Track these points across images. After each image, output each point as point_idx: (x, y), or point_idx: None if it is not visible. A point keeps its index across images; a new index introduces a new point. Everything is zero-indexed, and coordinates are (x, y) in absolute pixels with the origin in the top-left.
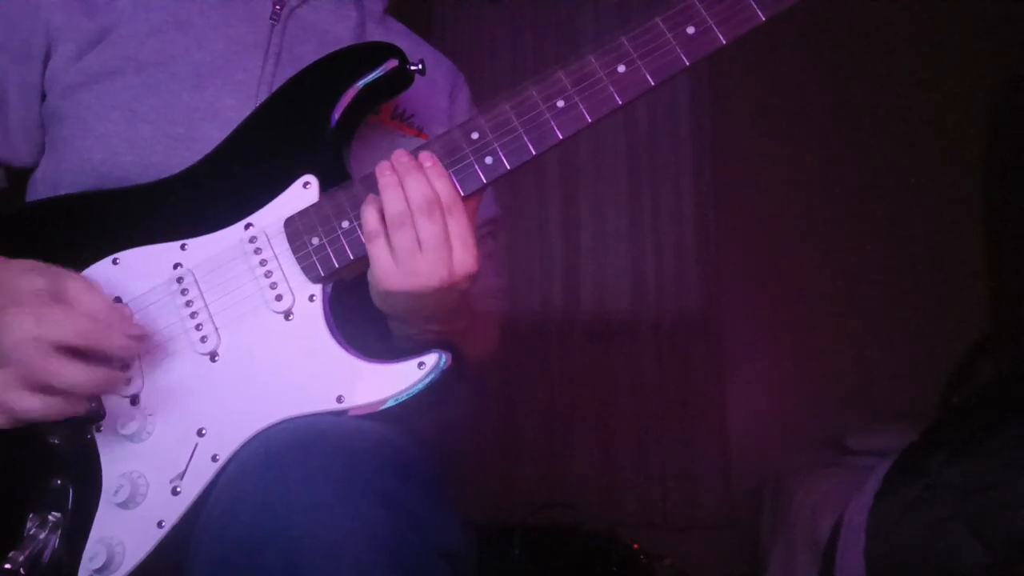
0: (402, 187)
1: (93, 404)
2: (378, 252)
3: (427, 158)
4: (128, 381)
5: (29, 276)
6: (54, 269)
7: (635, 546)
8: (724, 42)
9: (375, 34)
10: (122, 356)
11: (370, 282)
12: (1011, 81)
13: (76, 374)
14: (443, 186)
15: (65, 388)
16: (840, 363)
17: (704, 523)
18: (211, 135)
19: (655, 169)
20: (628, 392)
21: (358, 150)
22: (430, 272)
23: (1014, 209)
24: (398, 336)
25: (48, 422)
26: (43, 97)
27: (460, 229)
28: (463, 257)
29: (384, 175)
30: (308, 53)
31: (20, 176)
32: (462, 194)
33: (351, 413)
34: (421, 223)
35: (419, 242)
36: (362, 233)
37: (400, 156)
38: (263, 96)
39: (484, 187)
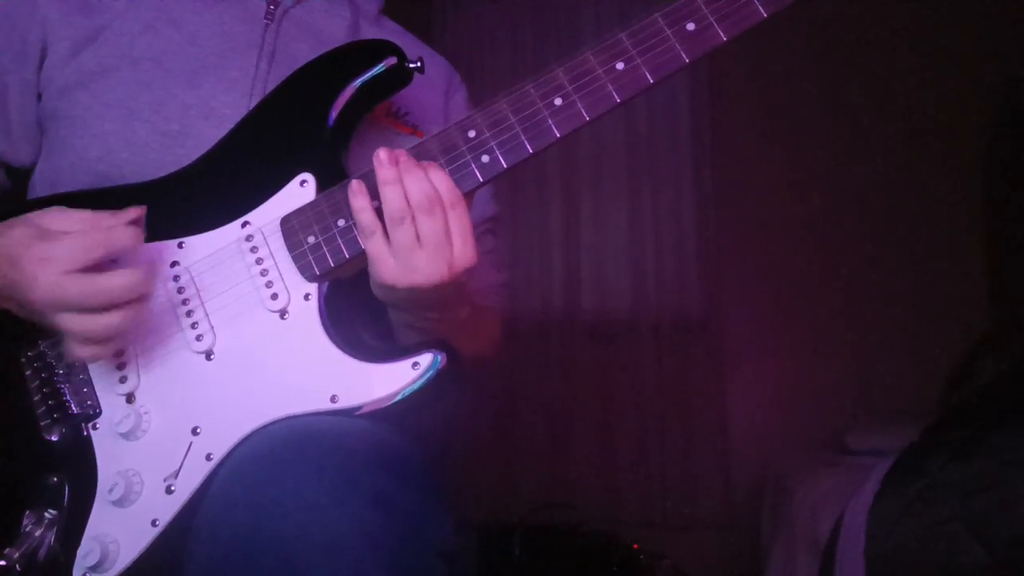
0: (402, 184)
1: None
2: (376, 248)
3: (425, 163)
4: (123, 378)
5: (9, 233)
6: (27, 216)
7: (635, 546)
8: (724, 39)
9: (369, 34)
10: (134, 244)
11: (370, 274)
12: (1011, 81)
13: (122, 278)
14: (442, 182)
15: (119, 292)
16: (840, 363)
17: (704, 523)
18: (206, 132)
19: (655, 169)
20: (628, 392)
21: (354, 148)
22: (430, 268)
23: (1014, 209)
24: (398, 324)
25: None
26: (39, 97)
27: (461, 224)
28: (463, 252)
29: (383, 169)
30: (302, 52)
31: (21, 176)
32: None
33: (346, 413)
34: (422, 220)
35: (419, 238)
36: (357, 230)
37: (400, 152)
38: (257, 94)
39: (481, 185)
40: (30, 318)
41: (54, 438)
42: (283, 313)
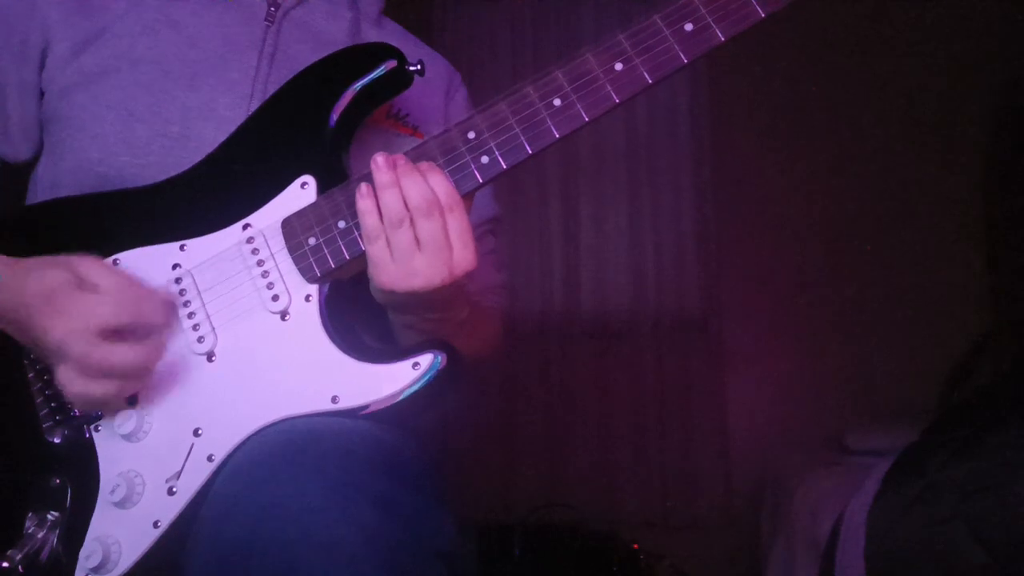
0: (399, 187)
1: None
2: (378, 252)
3: (424, 164)
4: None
5: (49, 272)
6: (65, 259)
7: (635, 546)
8: (723, 39)
9: (370, 34)
10: (161, 323)
11: (370, 278)
12: (1011, 81)
13: (127, 353)
14: (440, 185)
15: (122, 369)
16: (840, 363)
17: (704, 523)
18: (206, 135)
19: (655, 168)
20: (628, 392)
21: (355, 150)
22: (430, 271)
23: (1014, 209)
24: (398, 326)
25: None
26: (41, 96)
27: (460, 227)
28: (463, 255)
29: (381, 174)
30: (303, 54)
31: (18, 174)
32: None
33: (346, 413)
34: (420, 223)
35: (418, 242)
36: (359, 234)
37: (398, 157)
38: (257, 96)
39: (480, 186)
40: (32, 350)
41: (56, 440)
42: (284, 314)
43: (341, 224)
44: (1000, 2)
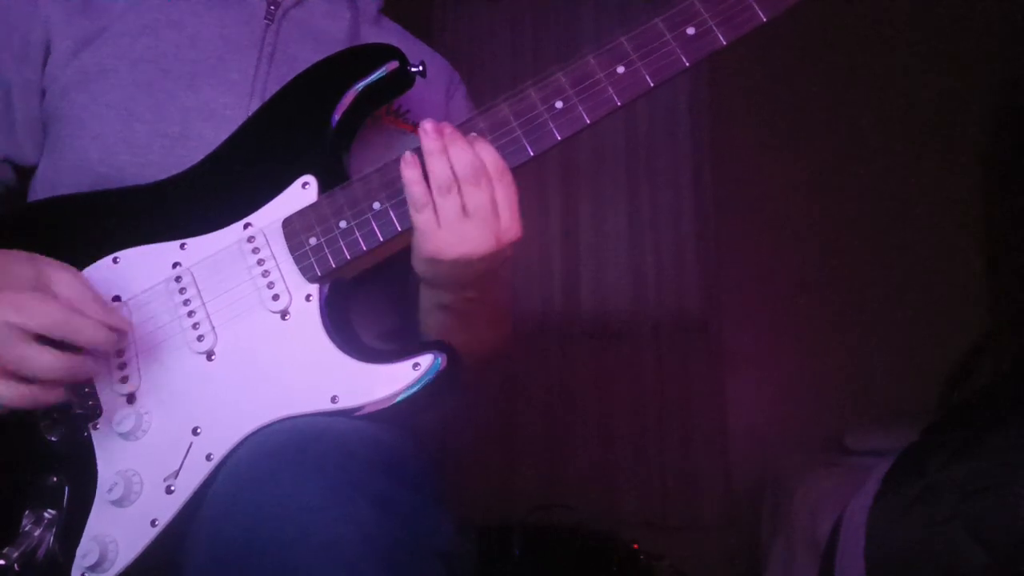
0: (447, 154)
1: (79, 396)
2: (426, 220)
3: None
4: (124, 378)
5: (18, 264)
6: (45, 260)
7: (635, 546)
8: (724, 43)
9: (369, 34)
10: (95, 347)
11: (414, 248)
12: (1011, 81)
13: (45, 362)
14: (488, 154)
15: (36, 375)
16: (840, 363)
17: (704, 523)
18: (206, 134)
19: (654, 168)
20: (628, 392)
21: (355, 150)
22: (478, 238)
23: (1014, 209)
24: (428, 306)
25: (33, 409)
26: (43, 95)
27: (507, 196)
28: (510, 224)
29: (429, 140)
30: (302, 53)
31: (26, 175)
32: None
33: (346, 413)
34: (468, 191)
35: (465, 209)
36: (409, 202)
37: (445, 125)
38: (257, 95)
39: None
40: None
41: (54, 438)
42: (284, 314)
43: (342, 224)
44: (1000, 2)
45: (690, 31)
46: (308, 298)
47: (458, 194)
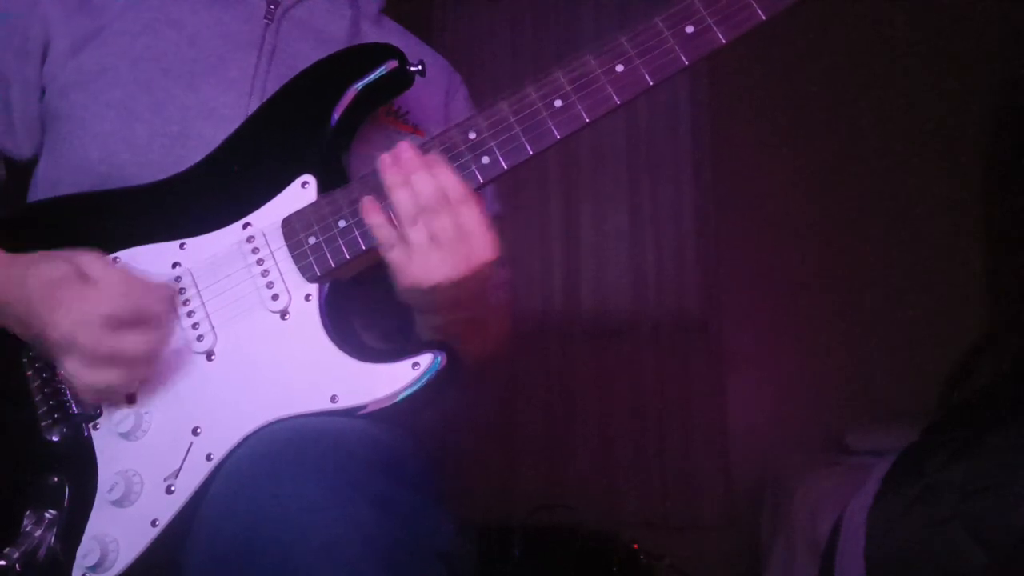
0: (409, 185)
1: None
2: (397, 257)
3: (431, 156)
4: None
5: (50, 265)
6: (66, 253)
7: (635, 546)
8: (724, 42)
9: (370, 33)
10: (162, 312)
11: (394, 282)
12: (1011, 81)
13: (136, 341)
14: (448, 179)
15: (131, 356)
16: (840, 363)
17: (704, 523)
18: (206, 133)
19: (655, 168)
20: (628, 392)
21: (355, 149)
22: (449, 266)
23: (1014, 209)
24: (425, 330)
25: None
26: (43, 94)
27: (472, 220)
28: (480, 246)
29: (388, 174)
30: (302, 52)
31: (19, 171)
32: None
33: (346, 413)
34: (432, 220)
35: (432, 237)
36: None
37: (403, 151)
38: (257, 94)
39: (481, 187)
40: (33, 345)
41: (55, 438)
42: (284, 313)
43: (341, 223)
44: (1000, 2)
45: (689, 30)
46: (307, 298)
47: (423, 224)
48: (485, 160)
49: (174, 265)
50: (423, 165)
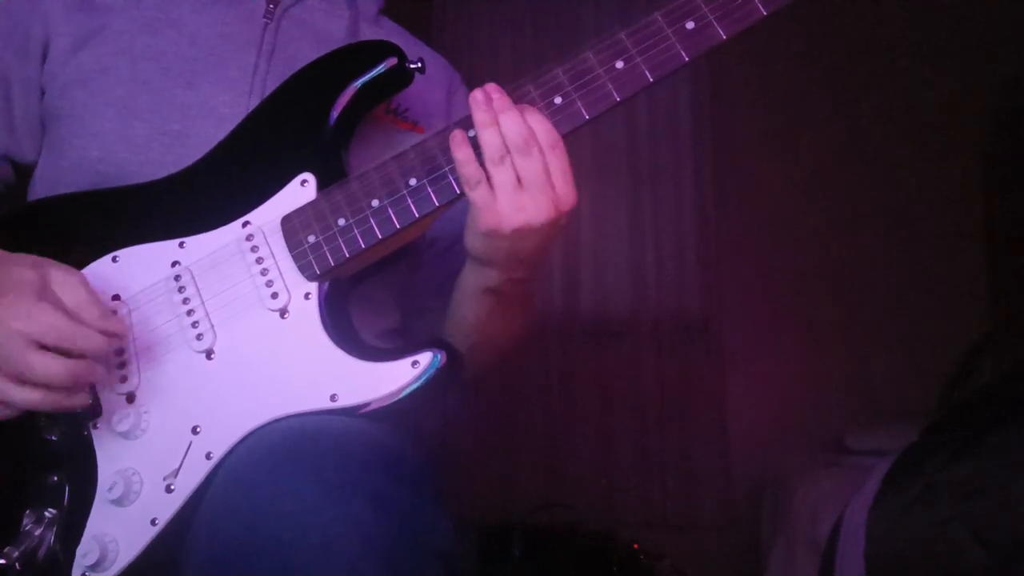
0: (498, 126)
1: (86, 398)
2: (480, 196)
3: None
4: (124, 378)
5: (20, 269)
6: (46, 263)
7: (635, 546)
8: (724, 37)
9: (368, 34)
10: (95, 354)
11: (470, 225)
12: (1011, 81)
13: (49, 368)
14: (538, 123)
15: (40, 381)
16: (840, 363)
17: (704, 523)
18: (206, 132)
19: (655, 168)
20: (628, 392)
21: (354, 147)
22: (535, 208)
23: (1014, 209)
24: (470, 290)
25: (42, 412)
26: (43, 93)
27: (560, 165)
28: (565, 191)
29: (479, 112)
30: (301, 52)
31: (25, 174)
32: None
33: (345, 412)
34: (520, 161)
35: (520, 179)
36: (462, 181)
37: (493, 91)
38: (256, 94)
39: None
40: None
41: (54, 437)
42: (283, 312)
43: (341, 222)
44: (1000, 2)
45: (690, 25)
46: (307, 296)
47: (511, 165)
48: None
49: (173, 264)
50: (513, 105)
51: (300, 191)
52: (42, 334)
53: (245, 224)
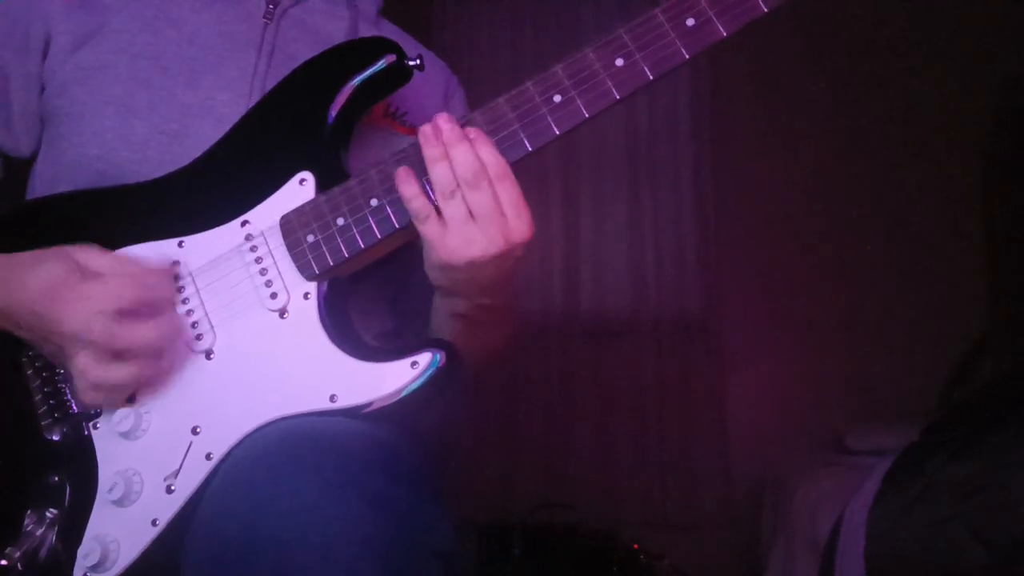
0: (449, 160)
1: (171, 361)
2: (431, 230)
3: (471, 130)
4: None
5: (48, 265)
6: (63, 249)
7: (635, 546)
8: (724, 34)
9: (368, 35)
10: (168, 297)
11: (425, 258)
12: (1011, 81)
13: (147, 331)
14: (488, 154)
15: (139, 345)
16: (840, 363)
17: (704, 523)
18: (205, 132)
19: (655, 168)
20: (628, 392)
21: (353, 147)
22: (486, 241)
23: (1014, 209)
24: (442, 316)
25: (136, 385)
26: (42, 90)
27: (510, 197)
28: (517, 224)
29: (428, 147)
30: (301, 52)
31: (18, 170)
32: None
33: (345, 412)
34: (470, 194)
35: (470, 212)
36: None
37: (443, 123)
38: (256, 94)
39: None
40: (41, 350)
41: (55, 437)
42: (282, 312)
43: (340, 221)
44: (1000, 2)
45: (690, 22)
46: (306, 296)
47: (461, 198)
48: None
49: (172, 264)
50: (463, 138)
51: (299, 190)
52: (117, 299)
53: (244, 223)
